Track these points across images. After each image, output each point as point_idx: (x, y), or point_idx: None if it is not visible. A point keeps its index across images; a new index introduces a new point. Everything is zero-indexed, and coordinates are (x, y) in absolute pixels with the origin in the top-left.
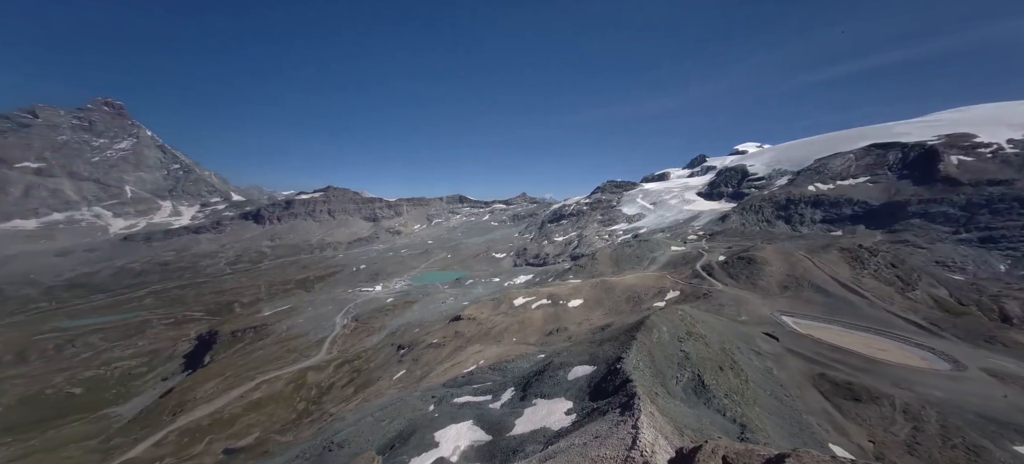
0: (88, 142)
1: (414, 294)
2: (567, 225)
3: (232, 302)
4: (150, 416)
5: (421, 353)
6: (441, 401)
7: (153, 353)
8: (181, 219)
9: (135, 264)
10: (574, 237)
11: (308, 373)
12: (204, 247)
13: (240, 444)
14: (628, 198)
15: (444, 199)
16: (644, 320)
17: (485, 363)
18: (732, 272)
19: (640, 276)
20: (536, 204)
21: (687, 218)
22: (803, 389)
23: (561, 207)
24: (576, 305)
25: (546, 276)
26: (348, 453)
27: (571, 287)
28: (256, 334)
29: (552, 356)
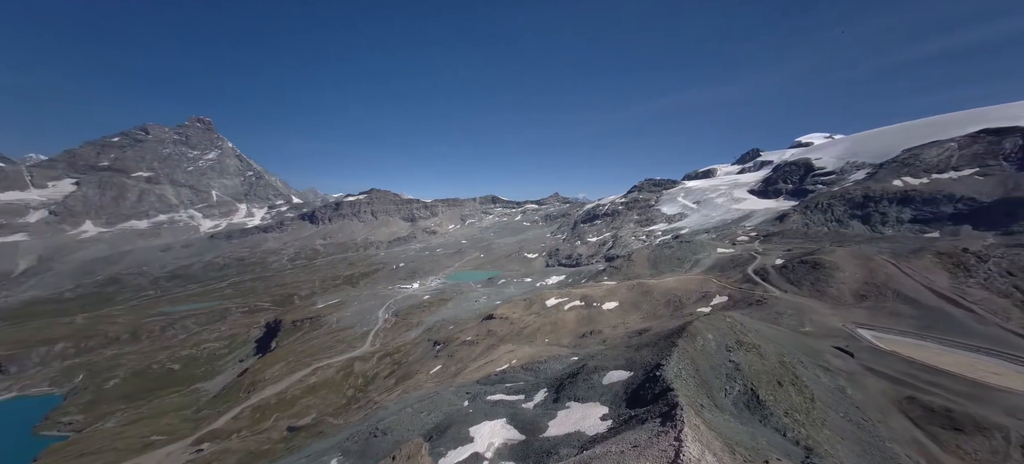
0: (185, 154)
1: (448, 292)
2: (601, 225)
3: (292, 294)
4: (229, 393)
5: (455, 350)
6: (475, 398)
7: (232, 337)
8: (253, 220)
9: (219, 259)
10: (608, 238)
11: (355, 363)
12: (270, 245)
13: (300, 423)
14: (668, 197)
15: (477, 200)
16: (686, 326)
17: (517, 363)
18: (793, 277)
19: (681, 279)
20: (568, 204)
21: (736, 218)
22: (887, 414)
23: (595, 207)
24: (611, 308)
25: (579, 277)
26: (391, 440)
27: (605, 289)
28: (311, 324)
29: (586, 359)
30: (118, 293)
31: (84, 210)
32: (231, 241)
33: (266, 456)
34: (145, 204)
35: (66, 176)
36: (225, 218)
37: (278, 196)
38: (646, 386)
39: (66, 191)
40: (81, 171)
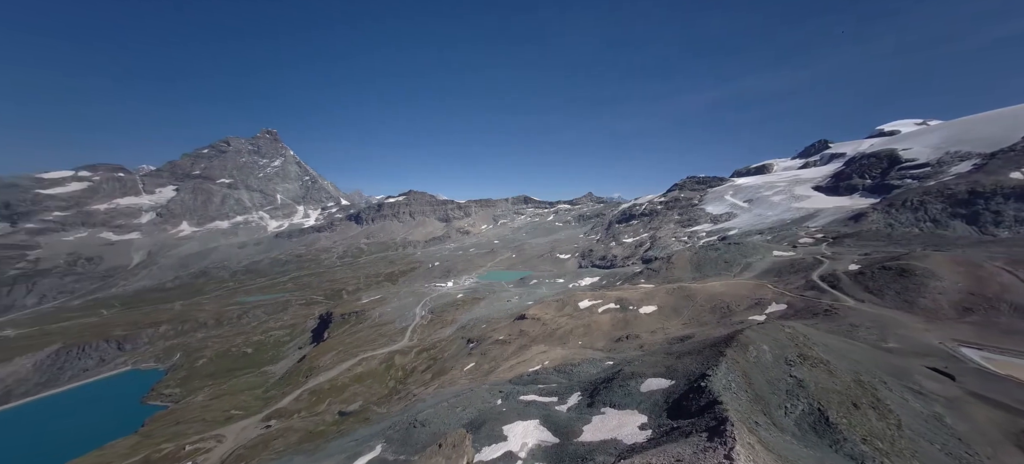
0: (256, 162)
1: (481, 291)
2: (638, 226)
3: (341, 289)
4: (291, 377)
5: (488, 348)
6: (508, 397)
7: (292, 326)
8: (309, 220)
9: (281, 256)
10: (646, 238)
11: (395, 356)
12: (322, 243)
13: (349, 408)
14: (714, 195)
15: (509, 200)
16: (736, 335)
17: (550, 364)
18: (872, 285)
19: (729, 284)
20: (603, 204)
21: (798, 217)
22: (999, 449)
23: (631, 206)
24: (648, 312)
25: (613, 279)
26: (429, 432)
27: (643, 292)
28: (357, 318)
29: (622, 364)
30: (206, 284)
31: (181, 212)
32: (291, 240)
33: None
34: (226, 207)
35: (169, 183)
36: (286, 219)
37: (329, 199)
38: (689, 397)
39: (168, 196)
40: (179, 179)
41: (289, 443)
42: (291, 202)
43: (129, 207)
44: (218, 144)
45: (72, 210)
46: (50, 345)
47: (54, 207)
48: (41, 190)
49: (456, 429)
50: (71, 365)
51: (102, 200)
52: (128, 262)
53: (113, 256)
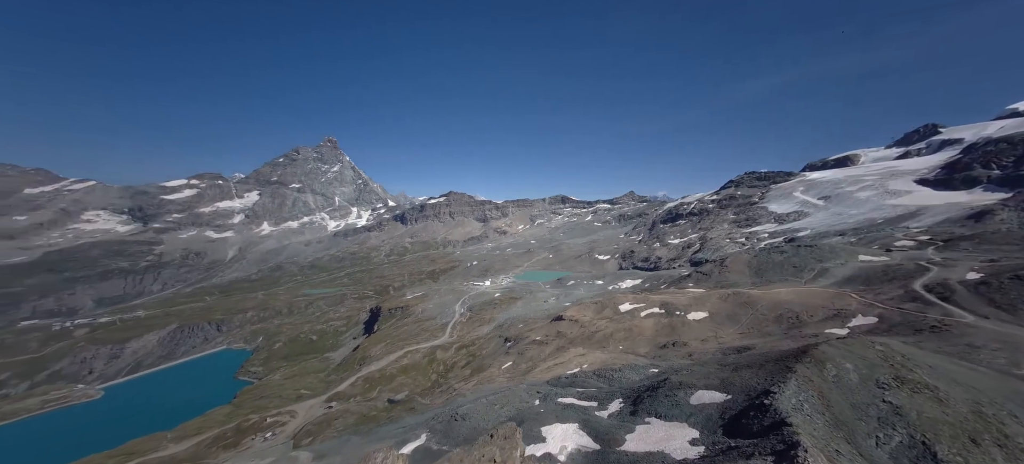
0: (319, 168)
1: (518, 291)
2: (685, 226)
3: (388, 286)
4: (347, 364)
5: (525, 348)
6: (546, 398)
7: (348, 317)
8: (361, 220)
9: (339, 253)
10: (695, 240)
11: (437, 351)
12: (372, 242)
13: (397, 397)
14: (779, 192)
15: (546, 200)
16: (809, 349)
17: (588, 367)
18: (1000, 299)
19: (799, 291)
20: (645, 203)
21: (892, 216)
22: None
23: (678, 206)
24: (698, 318)
25: (657, 282)
26: (469, 426)
27: (691, 297)
28: (403, 313)
29: (668, 372)
30: (281, 277)
31: (263, 214)
32: (346, 238)
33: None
34: (296, 209)
35: (254, 188)
36: (343, 219)
37: (378, 200)
38: (750, 414)
39: (253, 200)
40: (262, 184)
41: (347, 424)
42: (346, 204)
43: (225, 209)
44: (290, 153)
45: (185, 213)
46: (169, 325)
47: (173, 210)
48: (164, 196)
49: (506, 423)
50: (184, 342)
51: (206, 204)
52: (224, 256)
53: (213, 251)
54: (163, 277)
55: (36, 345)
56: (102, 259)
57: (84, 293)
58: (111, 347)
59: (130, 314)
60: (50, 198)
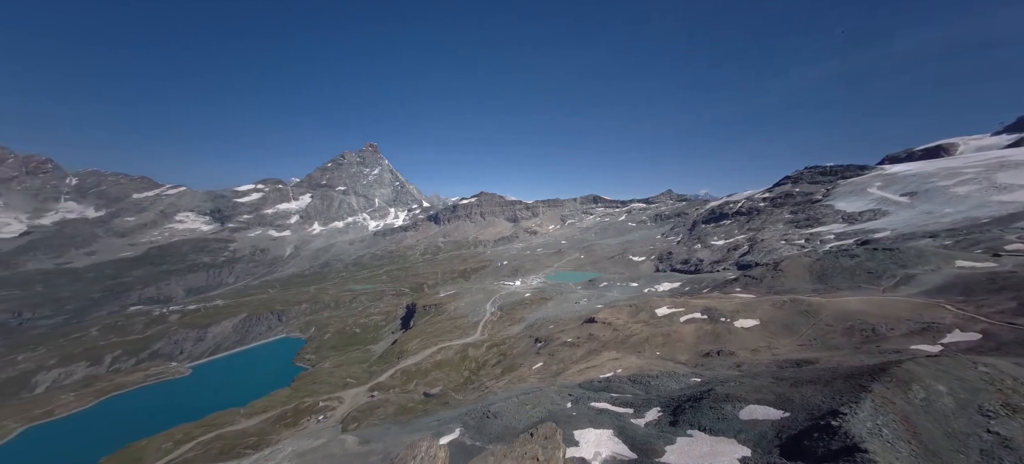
0: (362, 171)
1: (548, 291)
2: (731, 226)
3: (422, 283)
4: (386, 357)
5: (556, 349)
6: (578, 401)
7: (387, 313)
8: (398, 221)
9: (378, 251)
10: (742, 241)
11: (469, 348)
12: (408, 241)
13: (432, 391)
14: (849, 188)
15: (577, 200)
16: (890, 366)
17: (623, 372)
18: None
19: (876, 300)
20: (685, 202)
21: (1001, 214)
22: None
23: (722, 204)
24: (748, 326)
25: (698, 285)
26: (501, 424)
27: (739, 302)
28: (436, 310)
29: (712, 382)
30: (329, 273)
31: (314, 215)
32: (385, 238)
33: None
34: (342, 210)
35: (307, 192)
36: (382, 220)
37: (413, 201)
38: (813, 436)
39: (306, 202)
40: (313, 188)
41: (388, 413)
42: (385, 205)
43: (284, 211)
44: (337, 158)
45: (253, 214)
46: (241, 313)
47: (243, 212)
48: (236, 199)
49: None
50: (252, 329)
51: (269, 206)
52: (283, 253)
53: (275, 248)
54: (236, 271)
55: (141, 327)
56: (190, 254)
57: (176, 284)
58: (197, 331)
59: (211, 303)
60: (152, 202)
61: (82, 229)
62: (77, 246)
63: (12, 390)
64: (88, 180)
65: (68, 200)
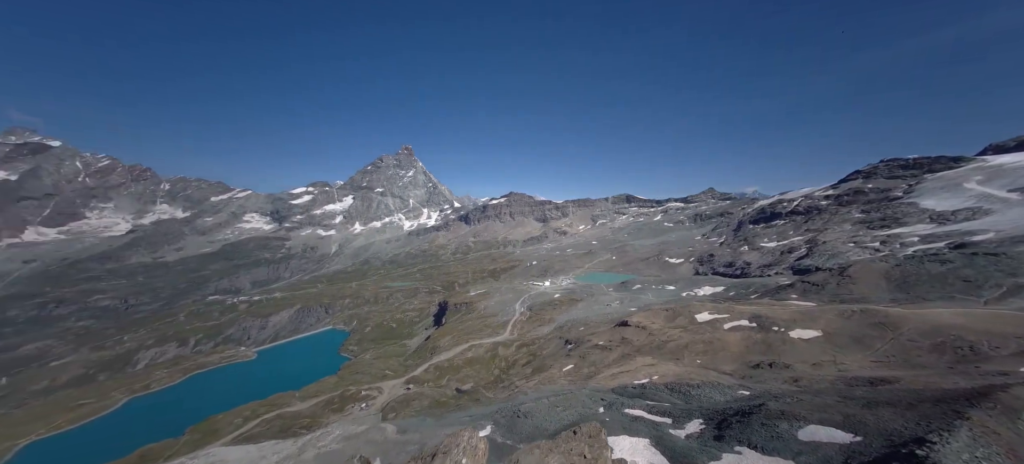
0: (398, 174)
1: (579, 293)
2: (785, 226)
3: (453, 282)
4: (420, 352)
5: (587, 352)
6: (611, 406)
7: (420, 310)
8: (430, 221)
9: (413, 250)
10: (799, 243)
11: (499, 347)
12: (440, 241)
13: (464, 387)
14: (940, 183)
15: (609, 199)
16: (993, 390)
17: (659, 379)
18: None
19: (976, 314)
20: (729, 201)
21: None
22: None
23: (774, 203)
24: (807, 337)
25: (746, 291)
26: (531, 424)
27: (796, 311)
28: (467, 309)
29: (763, 397)
30: (368, 270)
31: (356, 215)
32: (419, 237)
33: (444, 406)
34: (380, 210)
35: (349, 194)
36: (415, 220)
37: (445, 202)
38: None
39: (349, 203)
40: (355, 190)
41: (422, 406)
42: (419, 205)
43: (330, 212)
44: (376, 161)
45: (304, 215)
46: (295, 305)
47: (297, 213)
48: (291, 201)
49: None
50: (304, 320)
51: (318, 207)
52: (329, 251)
53: (322, 246)
54: (291, 266)
55: (217, 314)
56: (254, 251)
57: (244, 276)
58: (260, 320)
59: (271, 295)
60: (225, 204)
61: (172, 228)
62: (168, 242)
63: (119, 366)
64: (177, 186)
65: (162, 203)
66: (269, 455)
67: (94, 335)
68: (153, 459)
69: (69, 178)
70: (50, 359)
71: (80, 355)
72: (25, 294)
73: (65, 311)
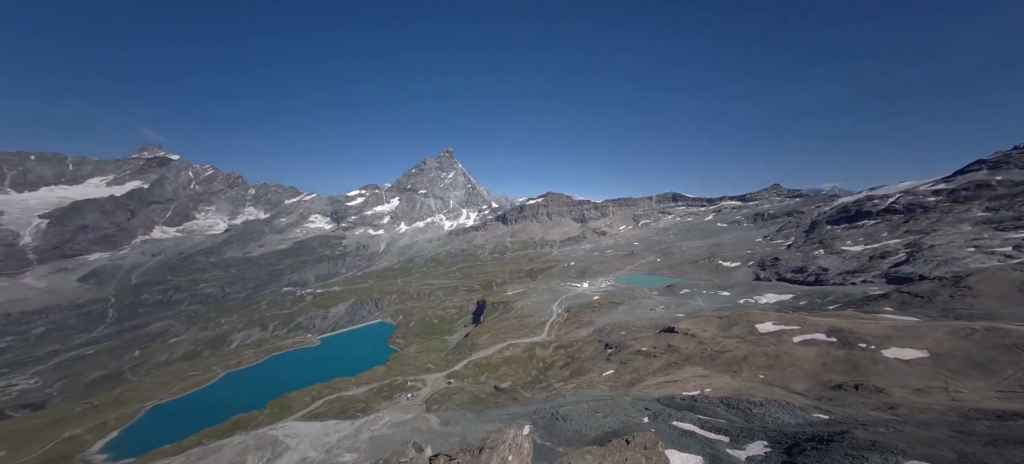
0: (439, 175)
1: (619, 295)
2: (877, 227)
3: (491, 281)
4: (460, 348)
5: (629, 358)
6: (657, 417)
7: (460, 307)
8: (469, 221)
9: (453, 250)
10: (897, 246)
11: (536, 347)
12: (478, 241)
13: (502, 385)
14: None
15: (653, 198)
16: None
17: (712, 392)
18: None
19: None
20: (799, 198)
21: None
22: None
23: (861, 200)
24: (908, 357)
25: (822, 300)
26: (570, 428)
27: (891, 326)
28: (504, 308)
29: (848, 423)
30: (412, 268)
31: (401, 216)
32: (458, 237)
33: (483, 402)
34: (422, 211)
35: (396, 196)
36: (455, 220)
37: (483, 202)
38: None
39: (395, 205)
40: (400, 192)
41: (463, 400)
42: (458, 206)
43: (379, 213)
44: (419, 164)
45: (357, 215)
46: (350, 299)
47: (351, 213)
48: (346, 203)
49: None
50: (358, 313)
51: (369, 208)
52: (379, 249)
53: (372, 245)
54: (346, 263)
55: (289, 304)
56: (318, 248)
57: (310, 271)
58: (322, 310)
59: (330, 289)
60: (295, 206)
61: (257, 227)
62: (254, 240)
63: (218, 344)
64: (260, 190)
65: (249, 206)
66: (331, 433)
67: (200, 317)
68: (243, 426)
69: (184, 185)
70: (169, 336)
71: (190, 334)
72: (153, 281)
73: (180, 296)
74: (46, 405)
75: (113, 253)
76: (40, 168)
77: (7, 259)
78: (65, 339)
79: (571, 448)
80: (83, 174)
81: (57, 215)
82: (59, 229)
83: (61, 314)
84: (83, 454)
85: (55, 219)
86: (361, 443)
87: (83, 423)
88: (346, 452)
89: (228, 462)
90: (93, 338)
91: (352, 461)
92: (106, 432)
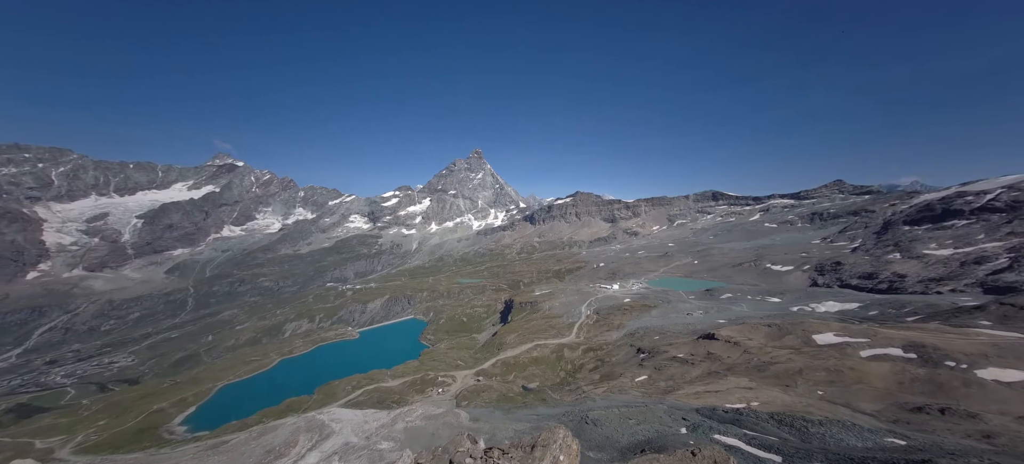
0: (468, 176)
1: (652, 298)
2: (970, 228)
3: (519, 281)
4: (488, 347)
5: (663, 364)
6: (695, 428)
7: (488, 306)
8: (497, 221)
9: (481, 249)
10: (997, 251)
11: (564, 349)
12: (506, 240)
13: (530, 386)
14: None
15: (690, 197)
16: None
17: (759, 407)
18: None
19: None
20: (868, 196)
21: None
22: None
23: (949, 197)
24: (1009, 379)
25: (897, 311)
26: (601, 433)
27: (988, 342)
28: (532, 308)
29: (933, 451)
30: (442, 267)
31: (432, 216)
32: (486, 237)
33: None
34: (452, 211)
35: (427, 196)
36: (483, 220)
37: (511, 202)
38: None
39: (426, 205)
40: (431, 192)
41: (491, 398)
42: (486, 206)
43: (412, 213)
44: (450, 166)
45: (392, 216)
46: (385, 295)
47: (386, 214)
48: (382, 204)
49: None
50: (392, 308)
51: (402, 209)
52: (411, 248)
53: (405, 244)
54: (382, 261)
55: (332, 298)
56: (357, 247)
57: (350, 268)
58: (361, 305)
59: (368, 285)
60: (337, 207)
61: (305, 227)
62: (302, 238)
63: (274, 333)
64: (308, 192)
65: (298, 207)
66: (371, 421)
67: (259, 308)
68: (295, 409)
69: (247, 189)
70: (235, 324)
71: (251, 323)
72: (223, 275)
73: (243, 288)
74: (140, 381)
75: (192, 249)
76: (137, 175)
77: (112, 254)
78: (155, 324)
79: (602, 454)
80: (169, 180)
81: (149, 216)
82: (151, 228)
83: (152, 302)
84: (168, 425)
85: (148, 219)
86: (396, 432)
87: (168, 398)
88: (383, 440)
89: (284, 441)
90: (176, 323)
91: (389, 449)
92: (186, 407)
